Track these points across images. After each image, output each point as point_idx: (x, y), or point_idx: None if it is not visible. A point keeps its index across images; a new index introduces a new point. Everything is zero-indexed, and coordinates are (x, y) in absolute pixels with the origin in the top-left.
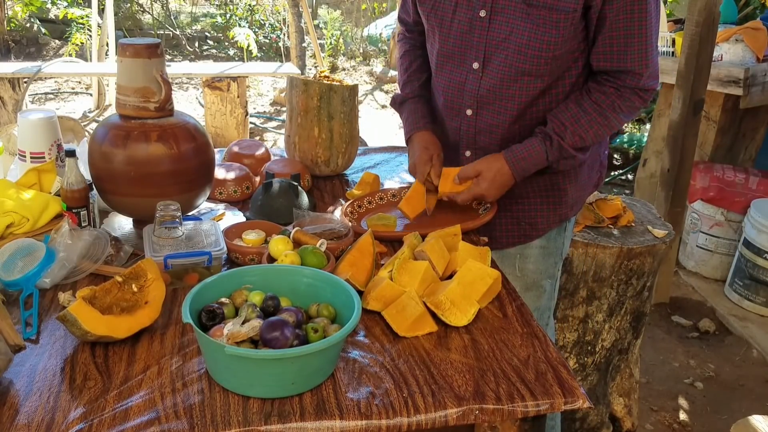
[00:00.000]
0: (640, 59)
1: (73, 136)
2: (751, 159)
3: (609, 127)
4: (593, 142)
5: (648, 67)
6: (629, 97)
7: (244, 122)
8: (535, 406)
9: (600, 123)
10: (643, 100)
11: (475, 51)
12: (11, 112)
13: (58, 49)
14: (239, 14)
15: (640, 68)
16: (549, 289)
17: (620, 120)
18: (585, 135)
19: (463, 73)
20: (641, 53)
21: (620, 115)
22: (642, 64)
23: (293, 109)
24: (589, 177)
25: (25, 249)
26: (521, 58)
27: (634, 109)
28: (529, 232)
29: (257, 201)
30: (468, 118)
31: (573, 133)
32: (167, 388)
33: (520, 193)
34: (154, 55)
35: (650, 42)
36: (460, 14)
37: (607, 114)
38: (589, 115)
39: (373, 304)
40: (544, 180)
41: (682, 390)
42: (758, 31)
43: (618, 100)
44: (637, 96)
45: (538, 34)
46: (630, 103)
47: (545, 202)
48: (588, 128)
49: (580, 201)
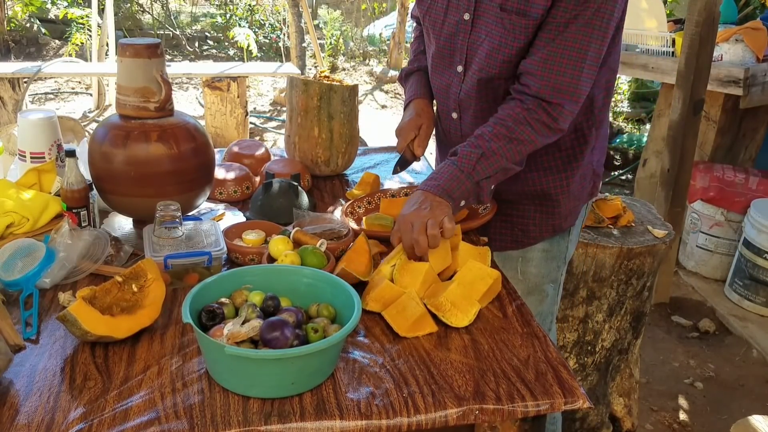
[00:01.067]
0: (544, 67)
1: (73, 136)
2: (751, 159)
3: (518, 141)
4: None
5: (550, 79)
6: (535, 109)
7: (244, 122)
8: (535, 406)
9: (504, 135)
10: (552, 118)
11: (460, 54)
12: (11, 112)
13: (58, 49)
14: (239, 14)
15: (541, 72)
16: (551, 294)
17: (529, 133)
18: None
19: (450, 76)
20: (550, 63)
21: (527, 127)
22: (543, 70)
23: (293, 109)
24: (582, 187)
25: (25, 249)
26: (491, 62)
27: (542, 125)
28: (521, 239)
29: (257, 201)
30: (454, 122)
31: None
32: (167, 388)
33: (514, 199)
34: (154, 55)
35: (570, 61)
36: (449, 17)
37: (512, 127)
38: (490, 126)
39: (372, 305)
40: (536, 190)
41: (682, 390)
42: (758, 31)
43: (523, 112)
44: (545, 112)
45: (508, 39)
46: (536, 116)
47: (538, 210)
48: (494, 138)
49: (575, 212)
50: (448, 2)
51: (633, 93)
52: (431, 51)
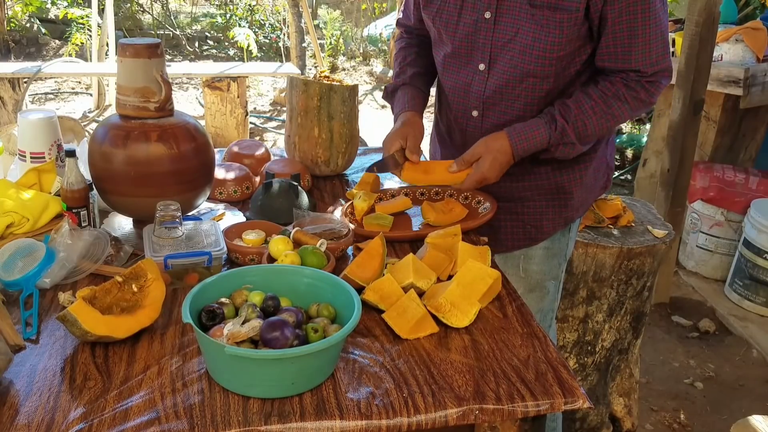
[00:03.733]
0: (645, 59)
1: (73, 136)
2: (751, 159)
3: (612, 116)
4: (596, 131)
5: (654, 66)
6: (635, 87)
7: (244, 122)
8: (535, 406)
9: (603, 111)
10: (648, 93)
11: (481, 52)
12: (11, 112)
13: (58, 49)
14: (239, 14)
15: (645, 67)
16: (552, 291)
17: (624, 111)
18: (588, 121)
19: (469, 75)
20: (645, 53)
21: (624, 105)
22: (647, 63)
23: (293, 109)
24: (595, 179)
25: (25, 249)
26: (526, 58)
27: (639, 101)
28: (534, 235)
29: (257, 201)
30: (474, 120)
31: (576, 117)
32: (167, 388)
33: (526, 196)
34: (154, 55)
35: (656, 40)
36: (465, 16)
37: (610, 102)
38: (593, 101)
39: (369, 294)
40: (550, 183)
41: (682, 390)
42: (758, 31)
43: (623, 89)
44: (644, 88)
45: (542, 34)
46: (635, 93)
47: (551, 205)
48: (591, 114)
49: (586, 203)
50: (462, 2)
51: None
52: (444, 51)
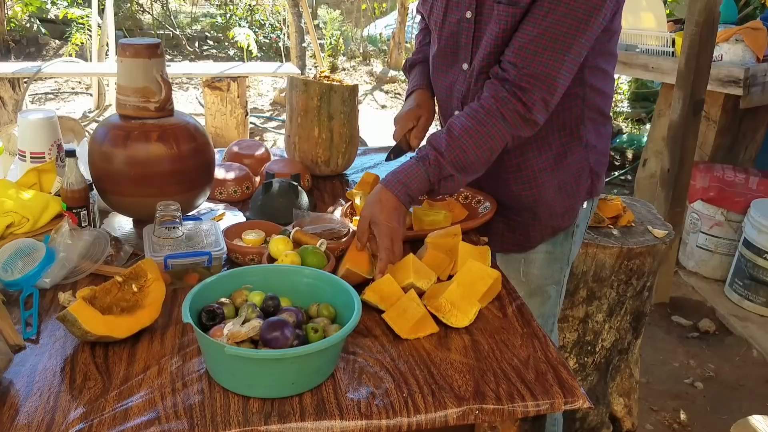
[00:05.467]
0: (521, 54)
1: (73, 136)
2: (751, 159)
3: (490, 136)
4: (477, 155)
5: (527, 66)
6: (507, 98)
7: (244, 122)
8: (535, 406)
9: (478, 132)
10: (525, 107)
11: (464, 52)
12: (11, 112)
13: (58, 49)
14: (239, 14)
15: (515, 59)
16: (554, 296)
17: (501, 128)
18: (465, 145)
19: (454, 74)
20: (528, 51)
21: (500, 121)
22: (520, 56)
23: (293, 109)
24: (576, 184)
25: (25, 249)
26: (488, 57)
27: (516, 115)
28: (523, 243)
29: (257, 201)
30: None
31: (449, 145)
32: (167, 388)
33: (513, 205)
34: (154, 55)
35: (544, 45)
36: (450, 15)
37: (484, 120)
38: (464, 124)
39: (369, 294)
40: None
41: (682, 390)
42: (758, 31)
43: (494, 103)
44: (517, 98)
45: (501, 32)
46: (511, 105)
47: (536, 216)
48: (466, 138)
49: (572, 210)
50: (447, 1)
51: (633, 93)
52: (433, 51)
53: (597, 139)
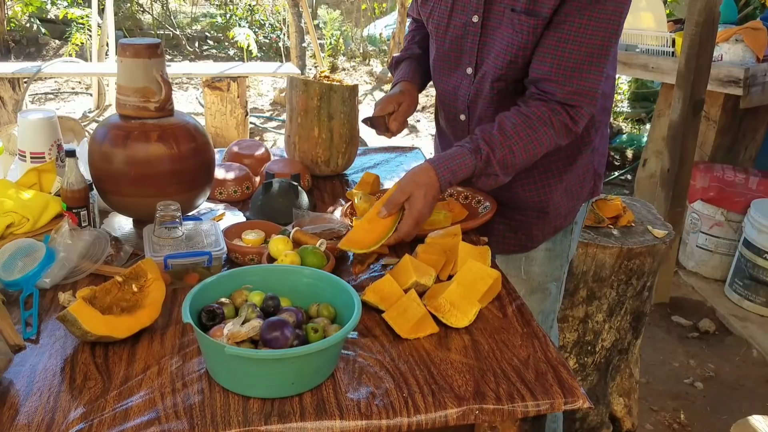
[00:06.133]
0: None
1: (73, 136)
2: (751, 159)
3: (539, 142)
4: (522, 158)
5: (570, 84)
6: (560, 111)
7: (244, 122)
8: (535, 406)
9: (529, 136)
10: (573, 121)
11: (469, 56)
12: (11, 112)
13: (58, 49)
14: (239, 14)
15: (556, 77)
16: (554, 292)
17: (550, 137)
18: (515, 147)
19: (458, 78)
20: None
21: (550, 129)
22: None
23: (293, 109)
24: (581, 186)
25: (25, 249)
26: (499, 63)
27: (564, 128)
28: (525, 243)
29: (257, 201)
30: (462, 124)
31: (502, 144)
32: (167, 388)
33: (516, 205)
34: (154, 55)
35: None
36: (455, 19)
37: (536, 126)
38: (517, 126)
39: (369, 295)
40: (531, 196)
41: (682, 390)
42: (758, 31)
43: (548, 112)
44: (568, 114)
45: (515, 39)
46: (560, 118)
47: (540, 216)
48: (517, 140)
49: (574, 210)
50: (452, 4)
51: (633, 93)
52: (434, 55)
53: (600, 141)
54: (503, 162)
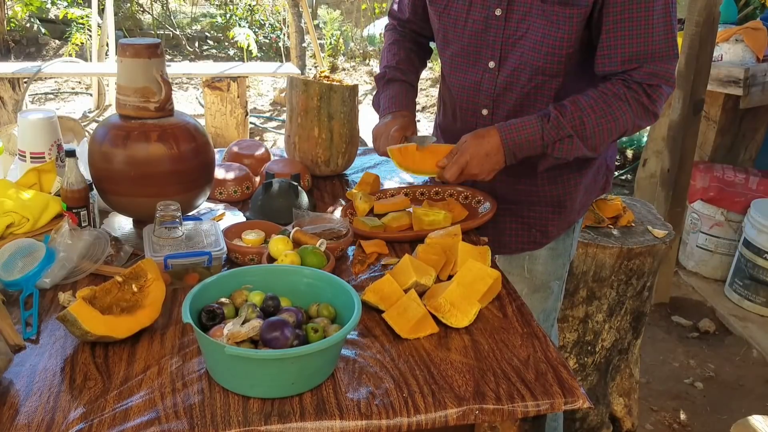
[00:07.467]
0: (638, 57)
1: (73, 136)
2: (751, 159)
3: (613, 117)
4: (595, 131)
5: (645, 66)
6: (636, 90)
7: (244, 122)
8: (535, 406)
9: (603, 110)
10: (651, 99)
11: (491, 50)
12: (11, 112)
13: (58, 49)
14: (239, 14)
15: (630, 66)
16: (556, 291)
17: (626, 113)
18: (586, 119)
19: (478, 73)
20: (644, 47)
21: (625, 105)
22: (641, 59)
23: (293, 109)
24: (595, 181)
25: (25, 249)
26: (536, 55)
27: (641, 106)
28: (539, 239)
29: (257, 201)
30: (484, 118)
31: (572, 114)
32: (167, 388)
33: (531, 200)
34: (154, 55)
35: (657, 35)
36: (474, 13)
37: (610, 101)
38: (591, 99)
39: (369, 295)
40: (551, 191)
41: (682, 390)
42: (758, 31)
43: (623, 89)
44: (645, 93)
45: (552, 30)
46: (637, 95)
47: (556, 211)
48: (590, 112)
49: (586, 205)
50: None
51: None
52: (451, 50)
53: None
54: (574, 128)
